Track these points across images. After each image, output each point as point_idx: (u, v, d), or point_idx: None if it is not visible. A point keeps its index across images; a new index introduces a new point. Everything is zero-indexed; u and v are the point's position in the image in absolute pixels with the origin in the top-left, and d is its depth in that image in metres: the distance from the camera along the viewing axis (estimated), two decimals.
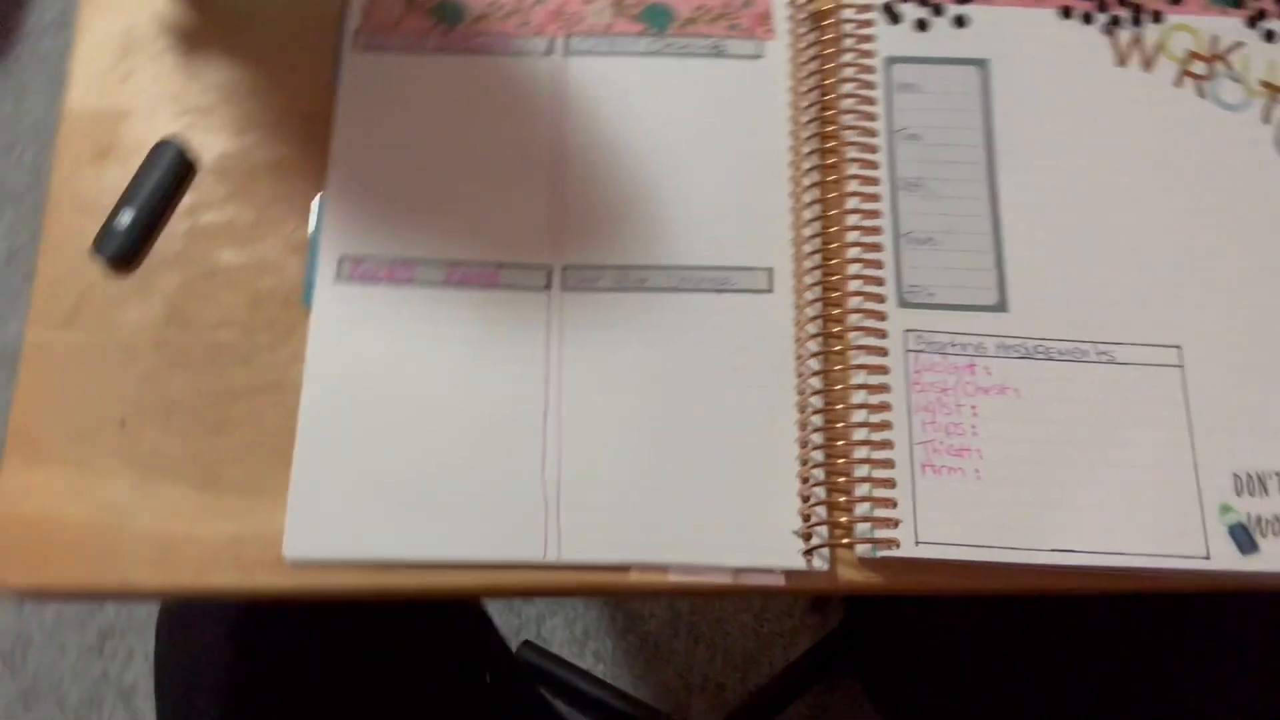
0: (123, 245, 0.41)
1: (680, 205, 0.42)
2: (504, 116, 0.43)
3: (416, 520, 0.38)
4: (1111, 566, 0.37)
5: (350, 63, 0.44)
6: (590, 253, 0.41)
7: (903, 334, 0.39)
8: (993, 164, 0.41)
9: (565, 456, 0.39)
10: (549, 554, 0.38)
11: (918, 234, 0.40)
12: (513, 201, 0.42)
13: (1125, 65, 0.43)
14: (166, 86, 0.44)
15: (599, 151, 0.43)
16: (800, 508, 0.38)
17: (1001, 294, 0.40)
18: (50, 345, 0.41)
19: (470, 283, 0.41)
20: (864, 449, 0.38)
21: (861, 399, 0.38)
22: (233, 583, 0.38)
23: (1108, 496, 0.37)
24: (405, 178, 0.42)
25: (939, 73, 0.43)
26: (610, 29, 0.44)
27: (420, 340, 0.40)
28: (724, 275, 0.41)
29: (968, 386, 0.38)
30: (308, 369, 0.40)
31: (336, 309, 0.40)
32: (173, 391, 0.40)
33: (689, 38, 0.44)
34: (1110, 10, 0.43)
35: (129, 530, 0.38)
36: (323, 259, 0.41)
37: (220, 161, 0.43)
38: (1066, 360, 0.39)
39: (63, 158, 0.43)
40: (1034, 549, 0.37)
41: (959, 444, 0.38)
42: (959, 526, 0.37)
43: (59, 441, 0.39)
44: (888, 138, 0.42)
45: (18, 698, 1.02)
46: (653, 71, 0.44)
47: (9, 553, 0.38)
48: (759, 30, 0.44)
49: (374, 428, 0.39)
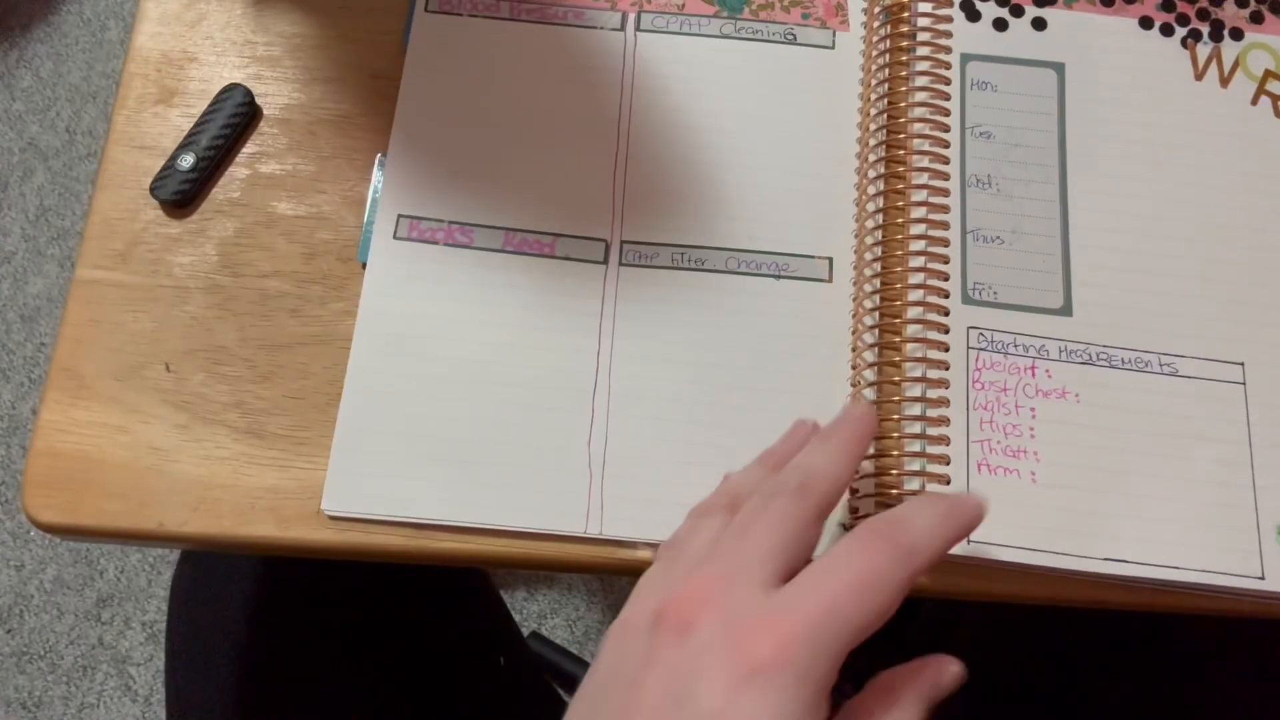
0: (181, 188, 0.41)
1: (743, 188, 0.41)
2: (571, 88, 0.43)
3: (458, 483, 0.37)
4: (1163, 580, 0.36)
5: (421, 23, 0.43)
6: (649, 229, 0.41)
7: (965, 330, 0.38)
8: (1064, 167, 0.41)
9: (611, 430, 0.38)
10: (590, 527, 0.37)
11: (985, 232, 0.40)
12: (574, 173, 0.42)
13: (1202, 80, 0.42)
14: (235, 34, 0.44)
15: (664, 129, 0.42)
16: (848, 499, 0.37)
17: (1067, 298, 0.39)
18: (101, 283, 0.40)
19: (527, 250, 0.40)
20: (916, 443, 0.37)
21: (918, 392, 0.38)
22: (269, 534, 0.37)
23: (1163, 510, 0.37)
24: (468, 142, 0.42)
25: (1015, 73, 0.42)
26: (684, 8, 0.44)
27: (473, 304, 0.40)
28: (783, 261, 0.40)
29: (1028, 388, 0.38)
30: (359, 325, 0.39)
31: (392, 266, 0.40)
32: (220, 338, 0.40)
33: (763, 23, 0.44)
34: (1190, 24, 0.43)
35: (167, 474, 0.38)
36: (381, 216, 0.41)
37: (284, 113, 0.43)
38: (1129, 369, 0.38)
39: (126, 97, 0.43)
40: (1086, 556, 0.36)
41: (1016, 445, 0.37)
42: (1011, 528, 0.36)
43: (103, 380, 0.39)
44: (959, 134, 0.41)
45: (11, 657, 1.02)
46: (724, 54, 0.43)
47: (44, 489, 0.37)
48: (833, 20, 0.44)
49: (421, 388, 0.38)
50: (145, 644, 1.02)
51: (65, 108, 1.22)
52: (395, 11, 0.44)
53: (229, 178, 0.42)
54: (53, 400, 0.39)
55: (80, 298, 0.40)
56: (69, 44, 1.25)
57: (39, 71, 1.24)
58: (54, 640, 1.02)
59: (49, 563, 1.05)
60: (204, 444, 0.38)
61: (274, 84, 0.43)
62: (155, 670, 1.02)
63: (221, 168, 0.42)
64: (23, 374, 1.12)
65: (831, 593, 0.28)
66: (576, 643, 1.01)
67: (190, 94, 0.43)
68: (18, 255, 1.16)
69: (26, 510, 0.37)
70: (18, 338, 1.13)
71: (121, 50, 1.24)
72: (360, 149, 0.42)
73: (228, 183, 0.42)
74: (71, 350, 0.39)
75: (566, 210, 0.41)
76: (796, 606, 0.28)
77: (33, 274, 1.15)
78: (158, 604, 1.03)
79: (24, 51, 1.25)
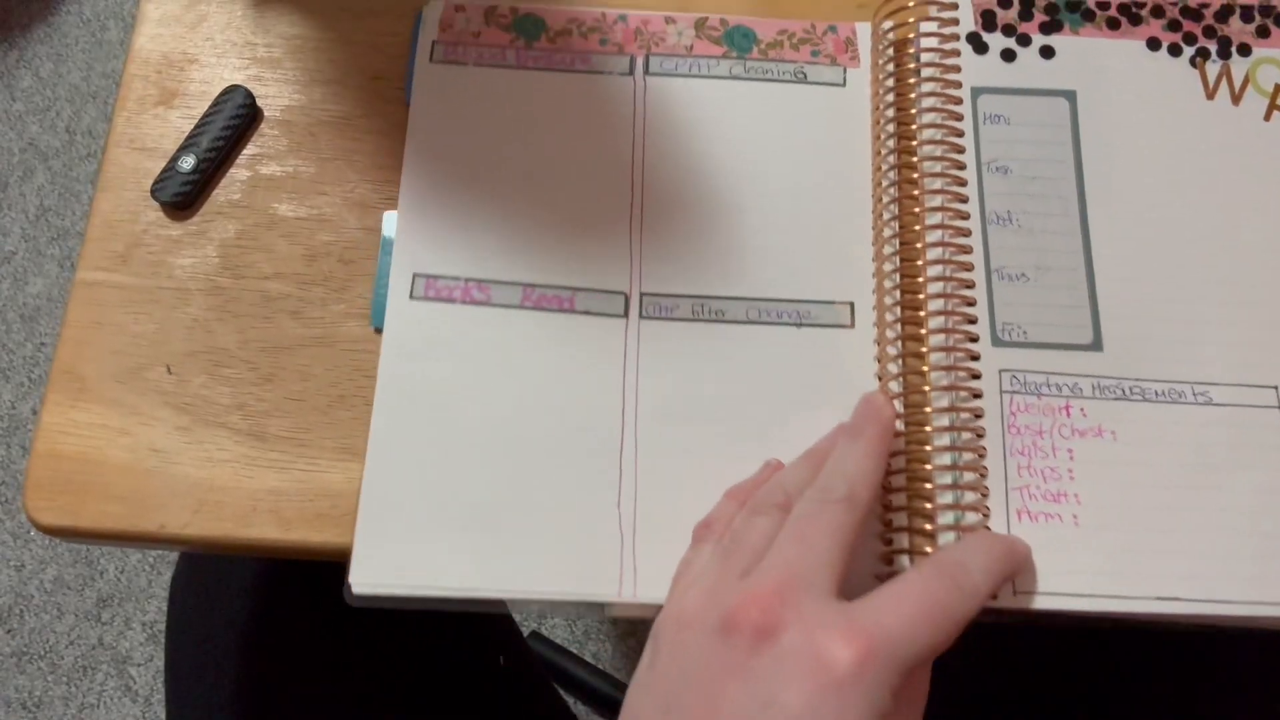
0: (181, 189, 0.41)
1: (759, 234, 0.40)
2: (582, 136, 0.42)
3: (487, 551, 0.36)
4: (1214, 615, 0.35)
5: (424, 75, 0.42)
6: (668, 280, 0.40)
7: (997, 374, 0.37)
8: (1083, 197, 0.40)
9: (641, 489, 0.37)
10: (624, 591, 0.36)
11: (1010, 270, 0.39)
12: (590, 224, 0.40)
13: (1214, 99, 0.42)
14: (236, 36, 0.44)
15: (678, 175, 0.41)
16: (882, 551, 0.36)
17: (1096, 332, 0.38)
18: (102, 285, 0.40)
19: (546, 306, 0.39)
20: (949, 495, 0.36)
21: (949, 441, 0.36)
22: (271, 537, 0.37)
23: (1207, 543, 0.36)
24: (480, 195, 0.41)
25: (1027, 104, 0.41)
26: (692, 50, 0.43)
27: (494, 364, 0.38)
28: (803, 308, 0.39)
29: (1063, 429, 0.37)
30: (379, 392, 0.38)
31: (410, 329, 0.39)
32: (221, 339, 0.39)
33: (772, 62, 0.43)
34: (1198, 42, 0.42)
35: (169, 476, 0.38)
36: (395, 275, 0.39)
37: (285, 114, 0.43)
38: (1163, 401, 0.37)
39: (126, 98, 0.43)
40: (1138, 597, 0.35)
41: (1056, 489, 0.36)
42: (1058, 575, 0.35)
43: (104, 382, 0.39)
44: (975, 171, 0.40)
45: (11, 657, 1.02)
46: (734, 95, 0.42)
47: (45, 491, 0.37)
48: (843, 57, 0.43)
49: (445, 454, 0.37)
50: (145, 644, 1.02)
51: (65, 108, 1.22)
52: (396, 14, 0.44)
53: (230, 179, 0.42)
54: (54, 402, 0.38)
55: (81, 299, 0.40)
56: (69, 44, 1.25)
57: (39, 72, 1.24)
58: (54, 640, 1.02)
59: (49, 563, 1.05)
60: (205, 446, 0.38)
61: (275, 85, 0.43)
62: (155, 670, 1.02)
63: (222, 169, 0.42)
64: (23, 374, 1.12)
65: (909, 615, 0.30)
66: (576, 642, 1.01)
67: (191, 95, 0.43)
68: (18, 255, 1.16)
69: (28, 513, 0.37)
70: (18, 338, 1.13)
71: (121, 51, 1.24)
72: (360, 150, 0.42)
73: (228, 184, 0.42)
74: (72, 352, 0.39)
75: (584, 262, 0.40)
76: (877, 622, 0.29)
77: (33, 274, 1.15)
78: (158, 604, 1.03)
79: (24, 52, 1.24)
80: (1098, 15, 0.43)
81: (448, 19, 0.43)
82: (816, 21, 0.43)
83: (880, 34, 0.43)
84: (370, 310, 0.40)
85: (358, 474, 0.37)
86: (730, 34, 0.43)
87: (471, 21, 0.43)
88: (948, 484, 0.36)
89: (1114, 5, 0.43)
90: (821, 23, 0.43)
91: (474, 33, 0.43)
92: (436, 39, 0.43)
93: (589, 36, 0.43)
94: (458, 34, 0.43)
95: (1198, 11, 0.43)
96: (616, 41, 0.43)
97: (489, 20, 0.43)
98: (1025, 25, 0.42)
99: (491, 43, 0.43)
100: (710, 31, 0.43)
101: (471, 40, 0.43)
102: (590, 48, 0.43)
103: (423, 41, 0.43)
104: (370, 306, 0.40)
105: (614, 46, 0.43)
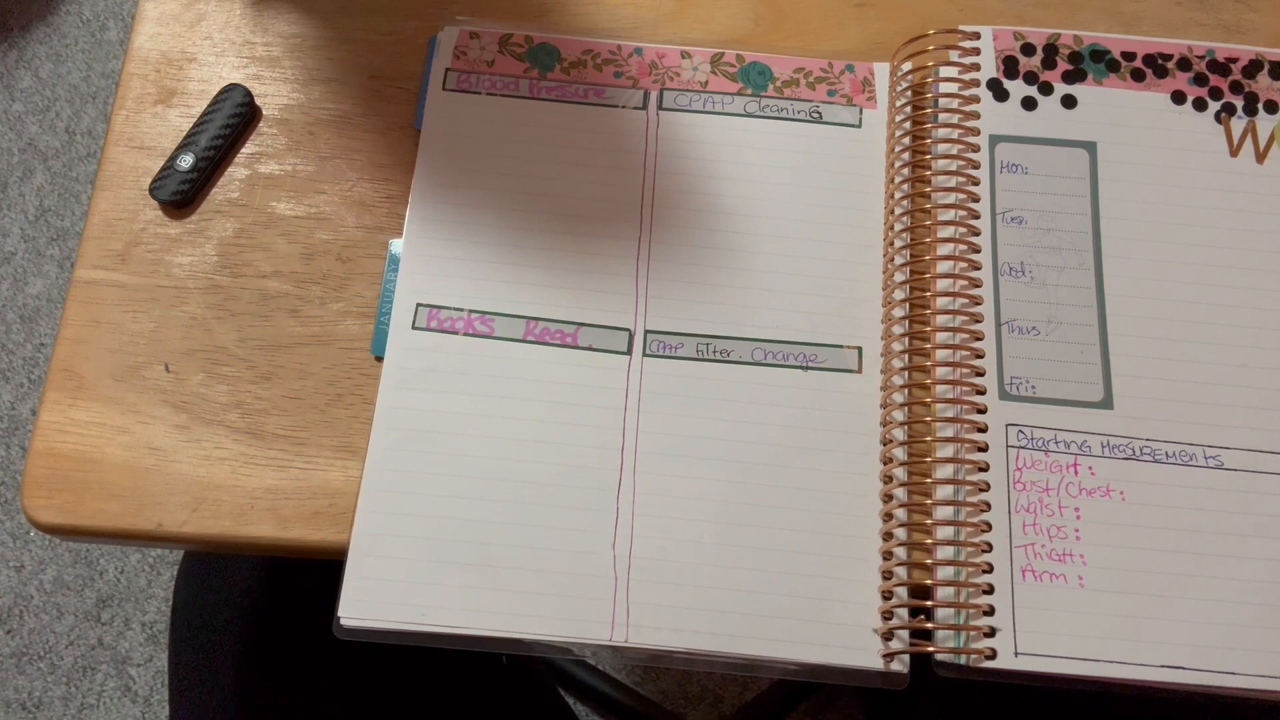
0: (180, 188, 0.41)
1: (768, 274, 0.39)
2: (592, 169, 0.41)
3: (478, 590, 0.35)
4: (1221, 686, 0.34)
5: (437, 102, 0.41)
6: (673, 318, 0.39)
7: (1004, 428, 0.36)
8: (1099, 252, 0.39)
9: (637, 532, 0.36)
10: (615, 636, 0.35)
11: (1020, 323, 0.38)
12: (597, 257, 0.39)
13: (1237, 156, 0.41)
14: (235, 35, 0.44)
15: (688, 212, 0.40)
16: (881, 605, 0.35)
17: (1107, 389, 0.37)
18: (100, 284, 0.40)
19: (549, 340, 0.38)
20: (950, 549, 0.35)
21: (951, 494, 0.35)
22: (268, 535, 0.37)
23: (1216, 611, 0.35)
24: (487, 226, 0.40)
25: (1046, 154, 0.40)
26: (707, 85, 0.42)
27: (494, 398, 0.38)
28: (810, 351, 0.38)
29: (1071, 487, 0.36)
30: (376, 421, 0.37)
31: (410, 358, 0.38)
32: (220, 338, 0.39)
33: (788, 100, 0.42)
34: (1224, 98, 0.41)
35: (166, 474, 0.37)
36: (399, 304, 0.39)
37: (283, 113, 0.42)
38: (1173, 463, 0.36)
39: (125, 97, 0.43)
40: (1142, 664, 0.34)
41: (1061, 549, 0.35)
42: (1062, 638, 0.34)
43: (102, 380, 0.39)
44: (990, 220, 0.39)
45: (11, 658, 1.02)
46: (748, 133, 0.41)
47: (44, 489, 0.37)
48: (859, 97, 0.42)
49: (440, 487, 0.36)
50: (145, 644, 1.02)
51: (65, 108, 1.22)
52: (395, 13, 0.44)
53: (228, 178, 0.41)
54: (52, 401, 0.38)
55: (79, 298, 0.40)
56: (68, 44, 1.25)
57: (39, 72, 1.24)
58: (54, 641, 1.02)
59: (49, 563, 1.05)
60: (203, 444, 0.38)
61: (273, 84, 0.43)
62: (155, 670, 1.01)
63: (221, 168, 0.41)
64: (23, 374, 1.12)
65: None
66: None
67: (189, 94, 0.43)
68: (17, 255, 1.16)
69: (26, 511, 0.37)
70: (18, 338, 1.13)
71: (121, 50, 1.24)
72: (359, 149, 0.42)
73: (227, 183, 0.41)
74: (71, 351, 0.39)
75: (589, 297, 0.39)
76: None
77: (32, 274, 1.15)
78: (158, 604, 1.03)
79: (24, 52, 1.24)
80: (1122, 66, 0.42)
81: (462, 45, 0.42)
82: (834, 60, 0.42)
83: (899, 76, 0.42)
84: (372, 338, 0.39)
85: (355, 472, 0.37)
86: (746, 70, 0.42)
87: (486, 49, 0.42)
88: (949, 539, 0.35)
89: (1140, 56, 0.42)
90: (839, 61, 0.42)
91: (488, 61, 0.42)
92: (450, 66, 0.42)
93: (603, 69, 0.42)
94: (471, 62, 0.42)
95: (1225, 66, 0.42)
96: (631, 75, 0.42)
97: (503, 48, 0.42)
98: (1048, 73, 0.41)
99: (505, 72, 0.42)
100: (726, 67, 0.42)
101: (485, 69, 0.42)
102: (604, 80, 0.42)
103: (436, 68, 0.42)
104: (370, 304, 0.39)
105: (628, 80, 0.42)
